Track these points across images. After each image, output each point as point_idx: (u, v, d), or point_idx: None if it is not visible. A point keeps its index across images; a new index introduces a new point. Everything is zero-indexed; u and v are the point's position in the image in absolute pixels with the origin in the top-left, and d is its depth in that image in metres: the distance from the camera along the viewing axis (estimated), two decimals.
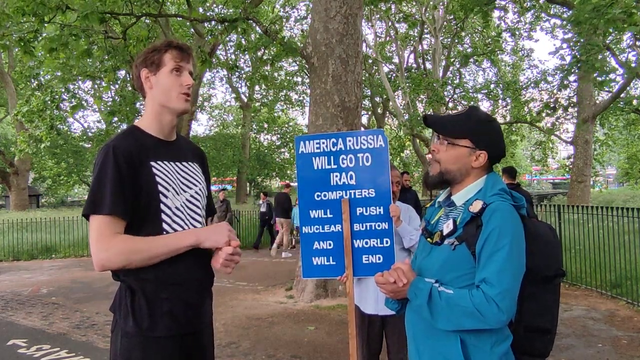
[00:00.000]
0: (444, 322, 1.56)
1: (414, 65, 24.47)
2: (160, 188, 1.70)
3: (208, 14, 13.32)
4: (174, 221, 1.72)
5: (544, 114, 15.33)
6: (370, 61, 23.09)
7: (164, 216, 1.70)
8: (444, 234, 1.66)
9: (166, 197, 1.71)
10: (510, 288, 1.50)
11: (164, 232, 1.70)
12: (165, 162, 1.76)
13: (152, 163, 1.72)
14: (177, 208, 1.73)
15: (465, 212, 1.64)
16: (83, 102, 18.01)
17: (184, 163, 1.84)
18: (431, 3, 19.54)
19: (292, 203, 13.22)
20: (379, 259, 2.87)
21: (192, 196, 1.81)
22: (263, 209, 14.30)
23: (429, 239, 1.73)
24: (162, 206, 1.70)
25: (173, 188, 1.74)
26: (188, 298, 1.71)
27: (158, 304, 1.65)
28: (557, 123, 18.01)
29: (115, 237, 1.61)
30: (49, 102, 10.55)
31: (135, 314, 1.64)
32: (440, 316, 1.56)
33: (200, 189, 1.86)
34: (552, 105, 10.96)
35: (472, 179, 1.70)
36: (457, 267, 1.60)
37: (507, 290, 1.49)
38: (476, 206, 1.60)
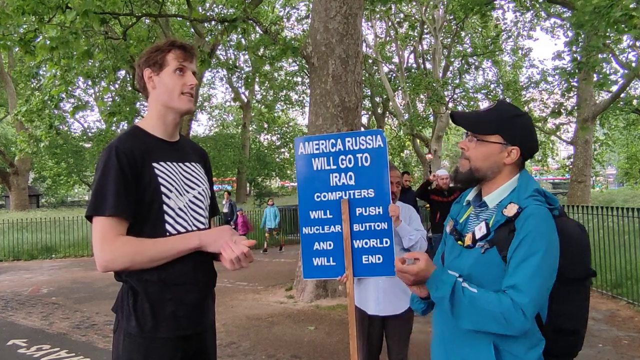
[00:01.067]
0: (465, 321, 1.50)
1: (414, 65, 24.47)
2: (163, 189, 1.70)
3: (208, 14, 13.32)
4: (177, 222, 1.72)
5: (549, 121, 15.30)
6: (370, 61, 23.09)
7: (167, 217, 1.70)
8: (477, 237, 1.58)
9: (169, 198, 1.71)
10: (538, 296, 1.45)
11: (167, 233, 1.70)
12: (168, 162, 1.76)
13: (155, 164, 1.71)
14: (180, 209, 1.73)
15: (498, 214, 1.56)
16: (84, 103, 17.99)
17: (187, 164, 1.84)
18: (431, 3, 19.53)
19: None
20: (379, 259, 2.87)
21: (195, 197, 1.81)
22: (225, 210, 13.48)
23: (459, 242, 1.65)
24: (165, 207, 1.70)
25: (176, 189, 1.73)
26: (191, 299, 1.71)
27: (161, 305, 1.65)
28: (561, 126, 17.98)
29: (119, 239, 1.61)
30: (48, 102, 10.53)
31: (138, 315, 1.64)
32: (463, 314, 1.50)
33: (203, 190, 1.86)
34: (557, 110, 10.98)
35: (504, 178, 1.61)
36: (486, 271, 1.54)
37: (535, 298, 1.44)
38: (511, 210, 1.52)
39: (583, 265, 1.57)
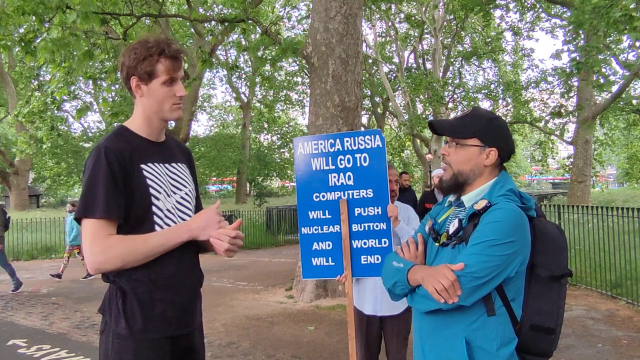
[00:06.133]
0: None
1: (414, 65, 24.47)
2: (152, 190, 1.69)
3: (208, 14, 13.32)
4: (165, 223, 1.71)
5: (550, 122, 15.28)
6: (370, 61, 23.09)
7: (156, 218, 1.69)
8: (450, 233, 1.64)
9: (158, 199, 1.70)
10: (475, 271, 1.49)
11: None
12: (155, 164, 1.74)
13: (143, 165, 1.70)
14: (168, 210, 1.73)
15: (470, 209, 1.62)
16: (87, 105, 18.01)
17: (173, 164, 1.83)
18: (431, 3, 19.53)
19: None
20: (378, 259, 2.87)
21: (182, 197, 1.80)
22: None
23: (436, 243, 1.70)
24: (154, 208, 1.69)
25: (164, 190, 1.73)
26: (180, 299, 1.71)
27: (151, 306, 1.65)
28: (564, 127, 18.01)
29: (110, 239, 1.60)
30: (50, 103, 10.51)
31: (127, 316, 1.63)
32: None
33: (190, 190, 1.85)
34: (557, 111, 11.00)
35: (484, 179, 1.68)
36: None
37: (472, 272, 1.49)
38: (480, 204, 1.59)
39: (560, 264, 1.60)
